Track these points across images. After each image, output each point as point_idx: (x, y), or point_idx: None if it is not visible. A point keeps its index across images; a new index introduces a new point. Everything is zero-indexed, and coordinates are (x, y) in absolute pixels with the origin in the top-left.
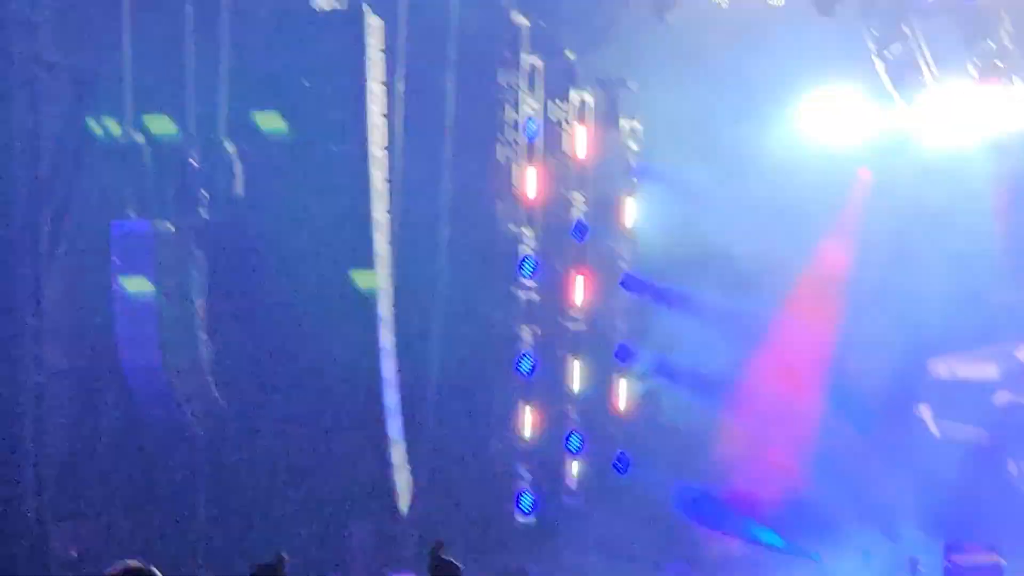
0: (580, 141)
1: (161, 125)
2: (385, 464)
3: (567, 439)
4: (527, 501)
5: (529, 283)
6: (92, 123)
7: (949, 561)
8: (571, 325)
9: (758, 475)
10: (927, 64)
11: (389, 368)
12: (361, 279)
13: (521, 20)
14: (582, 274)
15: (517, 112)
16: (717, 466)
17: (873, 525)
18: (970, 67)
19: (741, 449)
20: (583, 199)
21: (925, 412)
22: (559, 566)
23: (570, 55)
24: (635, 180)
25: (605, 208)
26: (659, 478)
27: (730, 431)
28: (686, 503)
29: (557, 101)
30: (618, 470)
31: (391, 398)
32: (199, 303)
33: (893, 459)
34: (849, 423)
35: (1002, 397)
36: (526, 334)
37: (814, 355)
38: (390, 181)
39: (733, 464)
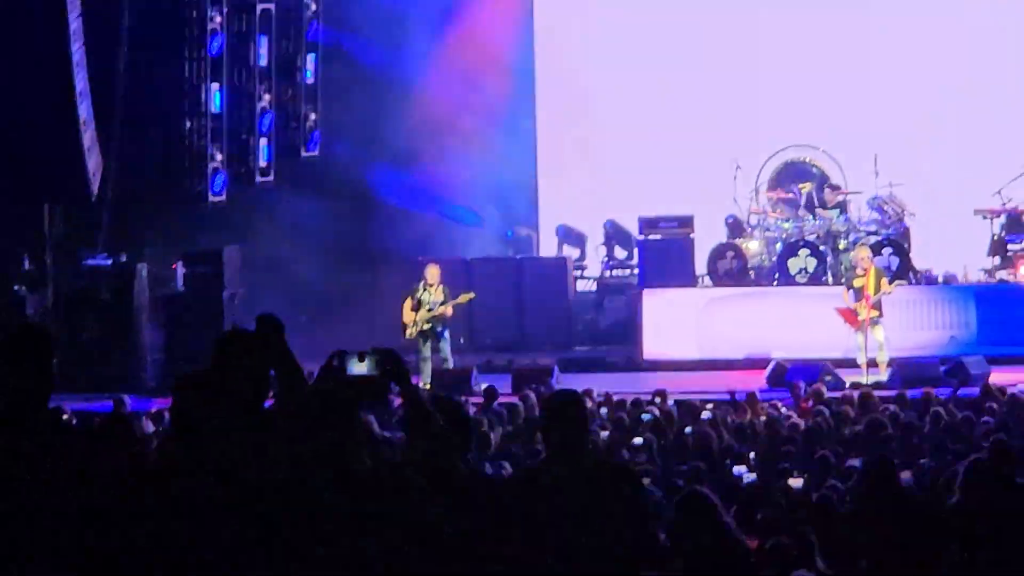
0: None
1: None
2: (75, 146)
3: (259, 119)
4: (219, 181)
5: None
6: None
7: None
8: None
9: (453, 154)
10: None
11: (78, 49)
12: None
13: None
14: None
15: (202, 27)
16: (409, 146)
17: None
18: None
19: (433, 129)
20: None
21: None
22: (253, 246)
23: None
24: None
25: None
26: (352, 156)
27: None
28: (379, 183)
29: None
30: (309, 148)
31: (80, 80)
32: None
33: None
34: None
35: None
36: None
37: None
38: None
39: (426, 148)
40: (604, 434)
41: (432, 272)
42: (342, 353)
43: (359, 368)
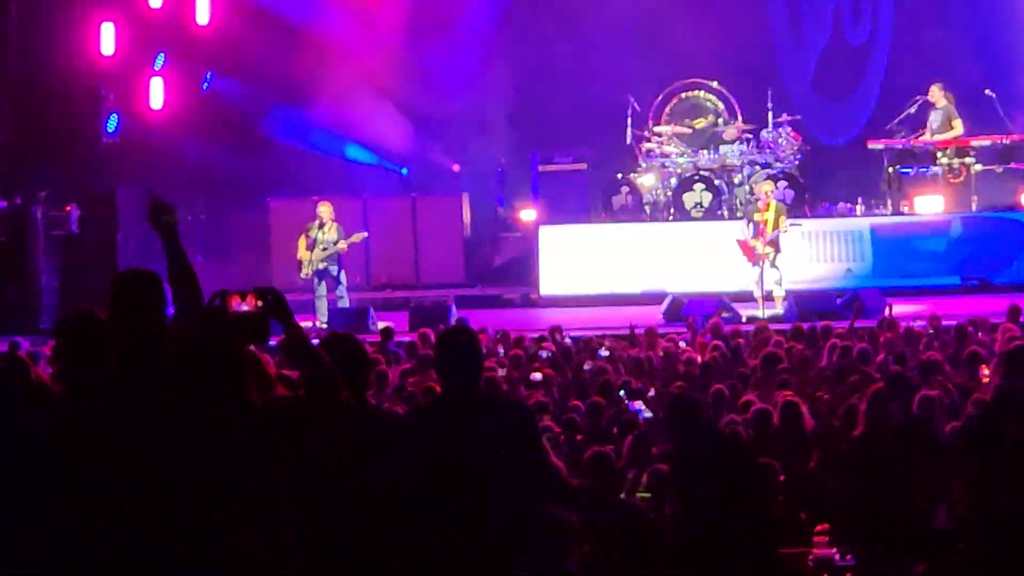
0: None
1: None
2: None
3: (152, 60)
4: (113, 122)
5: None
6: None
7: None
8: None
9: (348, 93)
10: None
11: None
12: None
13: None
14: None
15: None
16: (304, 85)
17: None
18: None
19: (327, 68)
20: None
21: None
22: (145, 186)
23: None
24: None
25: None
26: (246, 95)
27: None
28: (272, 122)
29: None
30: (202, 88)
31: None
32: None
33: None
34: None
35: None
36: None
37: None
38: None
39: (320, 87)
40: (501, 371)
41: (325, 210)
42: (224, 292)
43: (241, 307)
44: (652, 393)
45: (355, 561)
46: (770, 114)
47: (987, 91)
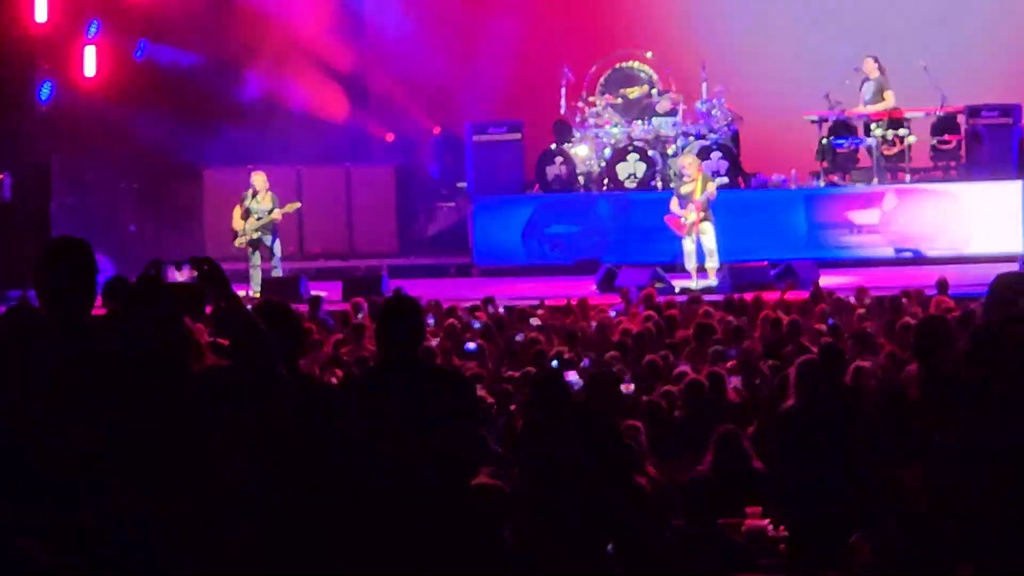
0: None
1: None
2: None
3: (86, 27)
4: (46, 90)
5: None
6: None
7: None
8: None
9: (283, 60)
10: None
11: None
12: None
13: None
14: None
15: None
16: (238, 52)
17: None
18: None
19: (262, 34)
20: None
21: None
22: (81, 156)
23: None
24: None
25: None
26: (180, 63)
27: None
28: (206, 89)
29: None
30: (136, 55)
31: None
32: None
33: None
34: None
35: None
36: None
37: None
38: None
39: (255, 53)
40: (435, 341)
41: (259, 180)
42: (159, 262)
43: (176, 276)
44: (586, 363)
45: (292, 529)
46: (704, 85)
47: (921, 63)
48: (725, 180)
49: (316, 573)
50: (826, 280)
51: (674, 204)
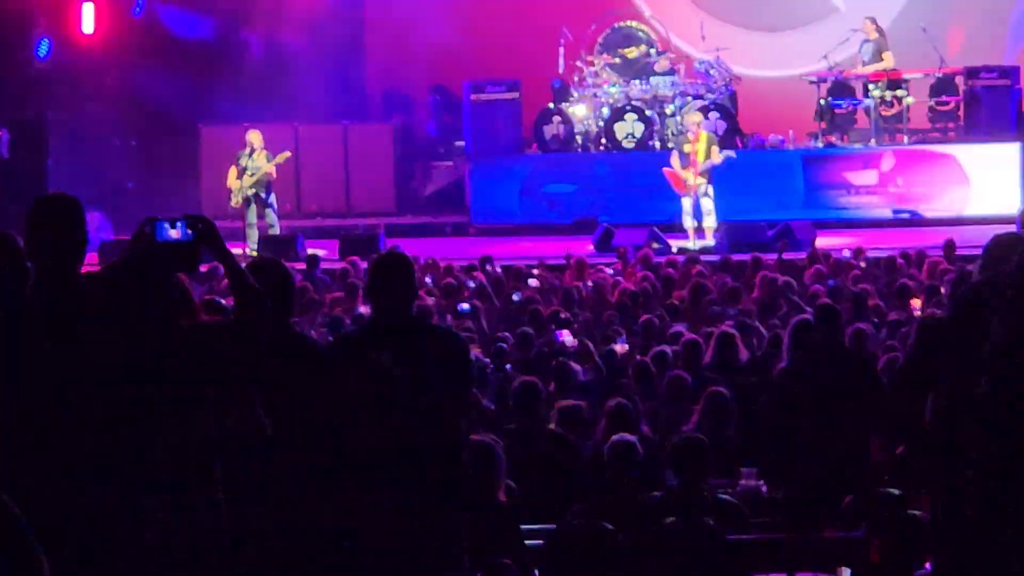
0: None
1: None
2: None
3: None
4: (44, 47)
5: None
6: None
7: None
8: None
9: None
10: None
11: None
12: None
13: None
14: None
15: None
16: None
17: None
18: None
19: None
20: None
21: None
22: (80, 113)
23: None
24: None
25: None
26: (178, 20)
27: None
28: (206, 46)
29: None
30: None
31: None
32: None
33: None
34: None
35: None
36: None
37: None
38: None
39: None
40: (430, 300)
41: (255, 137)
42: (153, 219)
43: (171, 234)
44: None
45: (282, 487)
46: (702, 44)
47: (920, 25)
48: (733, 154)
49: (308, 530)
50: (823, 241)
51: (674, 159)
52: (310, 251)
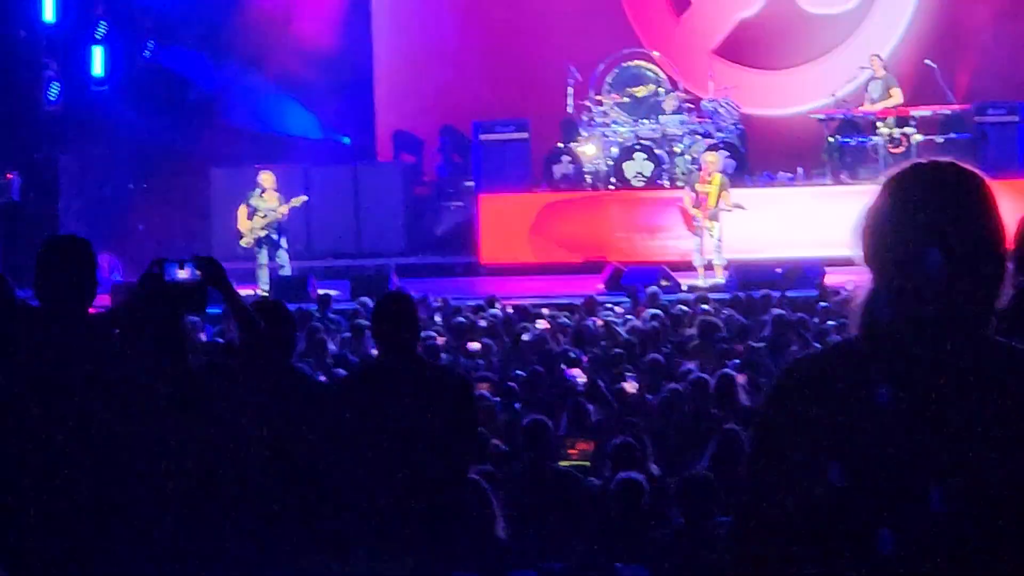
0: None
1: None
2: None
3: (94, 27)
4: (54, 90)
5: None
6: None
7: None
8: None
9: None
10: None
11: None
12: None
13: None
14: None
15: None
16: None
17: None
18: None
19: (269, 32)
20: None
21: None
22: (87, 155)
23: None
24: None
25: None
26: (188, 63)
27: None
28: (214, 89)
29: None
30: (144, 57)
31: None
32: None
33: None
34: None
35: None
36: None
37: None
38: None
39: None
40: (441, 340)
41: (266, 178)
42: (162, 260)
43: (179, 275)
44: (587, 360)
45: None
46: (711, 83)
47: (927, 61)
48: (744, 208)
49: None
50: (832, 279)
51: (687, 196)
52: (321, 292)
